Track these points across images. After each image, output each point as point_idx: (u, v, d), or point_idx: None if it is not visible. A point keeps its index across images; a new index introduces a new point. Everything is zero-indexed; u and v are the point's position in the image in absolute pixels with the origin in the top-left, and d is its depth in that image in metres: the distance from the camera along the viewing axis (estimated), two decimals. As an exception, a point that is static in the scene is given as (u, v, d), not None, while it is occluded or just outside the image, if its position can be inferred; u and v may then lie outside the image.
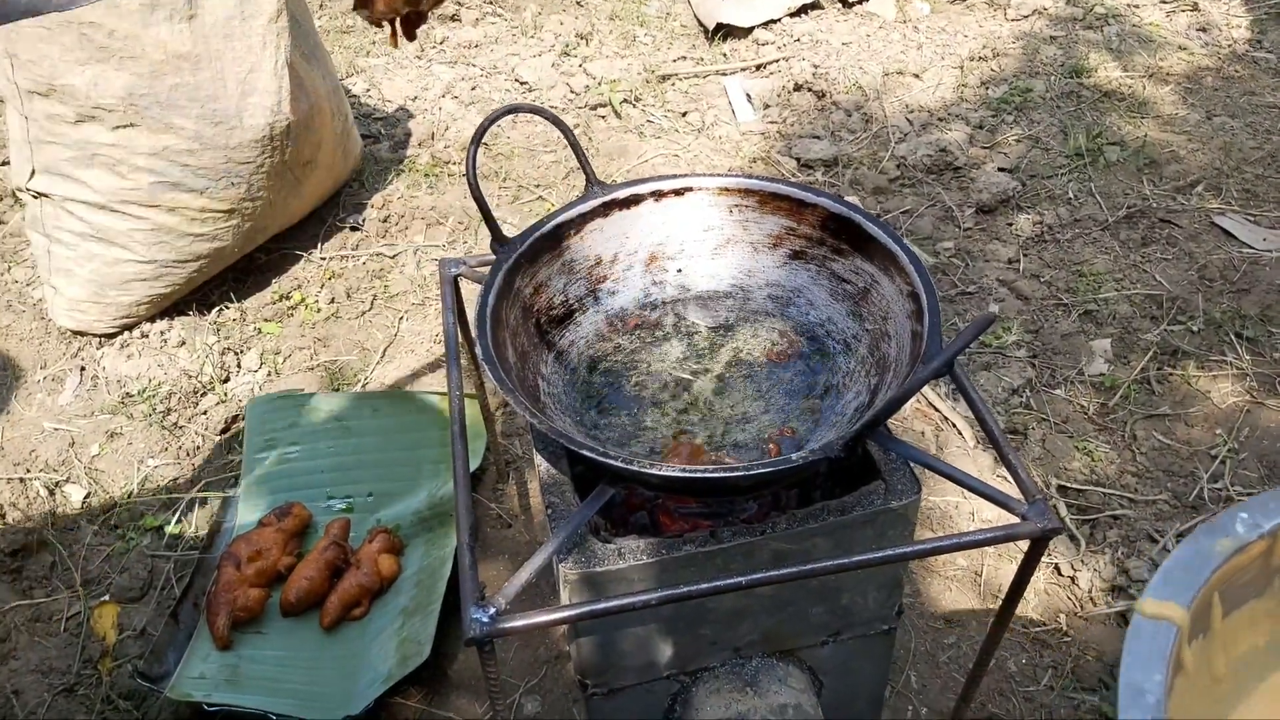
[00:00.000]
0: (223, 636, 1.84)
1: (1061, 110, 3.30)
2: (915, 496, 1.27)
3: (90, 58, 2.19)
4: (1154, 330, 2.48)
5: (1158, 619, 0.89)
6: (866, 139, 3.22)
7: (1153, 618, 0.89)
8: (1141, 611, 0.90)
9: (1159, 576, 0.93)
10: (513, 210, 2.99)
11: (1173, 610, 0.90)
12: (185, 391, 2.41)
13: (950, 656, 1.86)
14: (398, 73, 3.67)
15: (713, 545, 1.23)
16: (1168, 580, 0.93)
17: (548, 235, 1.44)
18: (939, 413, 2.32)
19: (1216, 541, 0.95)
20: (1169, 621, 0.89)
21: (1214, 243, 2.73)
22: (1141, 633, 0.88)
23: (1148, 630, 0.89)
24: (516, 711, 1.81)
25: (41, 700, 1.84)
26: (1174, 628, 0.89)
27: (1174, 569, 0.93)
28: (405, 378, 2.48)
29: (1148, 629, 0.89)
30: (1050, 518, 1.14)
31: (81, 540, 2.11)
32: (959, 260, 2.73)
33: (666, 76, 3.60)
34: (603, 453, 1.13)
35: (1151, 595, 0.91)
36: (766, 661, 1.45)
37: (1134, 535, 2.03)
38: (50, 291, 2.51)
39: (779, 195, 1.47)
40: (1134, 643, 0.88)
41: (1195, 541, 0.96)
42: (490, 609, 1.06)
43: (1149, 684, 0.84)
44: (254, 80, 2.36)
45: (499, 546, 2.08)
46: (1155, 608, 0.90)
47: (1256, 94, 3.33)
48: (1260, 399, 2.29)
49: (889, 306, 1.35)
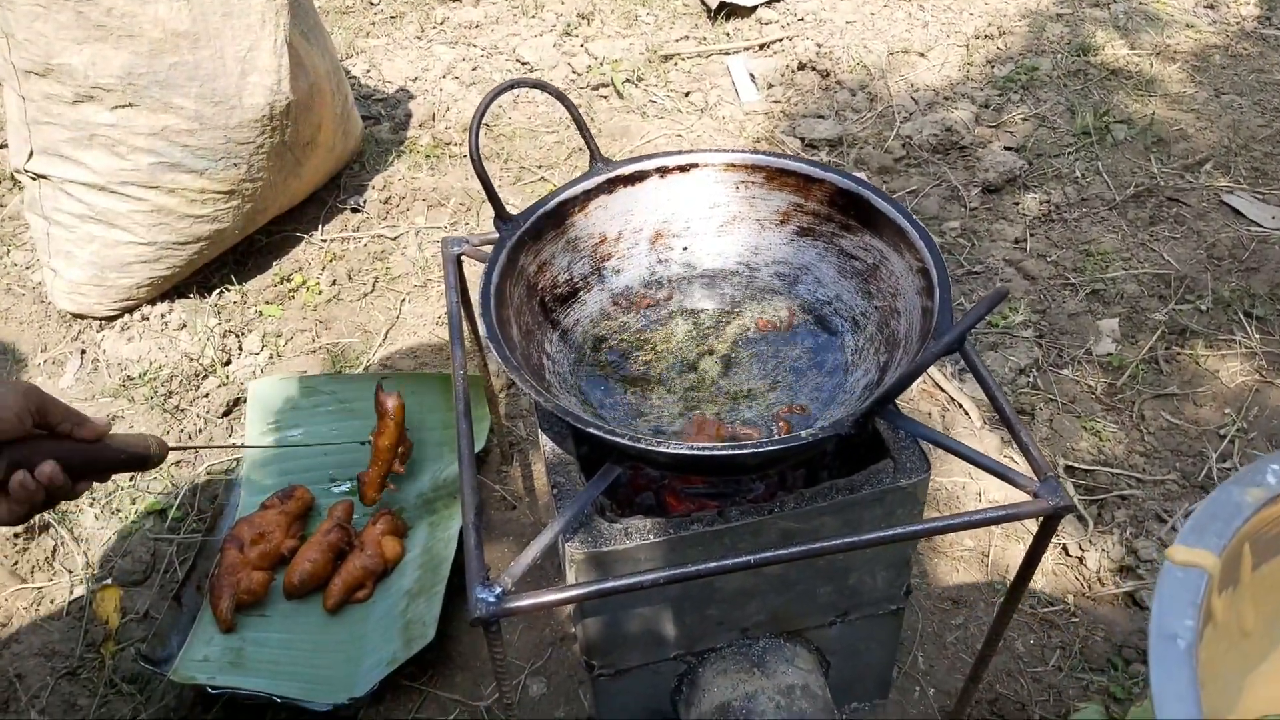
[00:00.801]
0: (226, 619, 1.83)
1: (1068, 89, 3.27)
2: (924, 475, 1.25)
3: (88, 36, 2.16)
4: (1162, 309, 2.46)
5: (1189, 565, 0.87)
6: (871, 118, 3.19)
7: (1184, 564, 0.87)
8: (1172, 558, 0.87)
9: (1189, 524, 0.90)
10: (515, 191, 2.97)
11: (1204, 557, 0.87)
12: (186, 374, 2.39)
13: (958, 637, 1.85)
14: (398, 53, 3.64)
15: (720, 524, 1.21)
16: (1198, 528, 0.90)
17: (552, 212, 1.42)
18: (945, 393, 2.30)
19: (1247, 491, 0.93)
20: (1200, 568, 0.86)
21: (1222, 221, 2.70)
22: (1172, 577, 0.86)
23: (1179, 576, 0.86)
24: (522, 693, 1.80)
25: (44, 684, 1.83)
26: (1205, 574, 0.86)
27: (1204, 518, 0.91)
28: (408, 359, 2.47)
29: (1179, 575, 0.86)
30: (1061, 495, 1.12)
31: (83, 524, 2.10)
32: (965, 240, 2.71)
33: (669, 56, 3.57)
34: (609, 430, 1.11)
35: (1182, 542, 0.88)
36: (774, 642, 1.44)
37: (1142, 515, 2.01)
38: (50, 274, 2.49)
39: (786, 171, 1.45)
40: (1165, 589, 0.85)
41: (1225, 491, 0.93)
42: (496, 589, 1.05)
43: (1180, 629, 0.82)
44: (253, 59, 2.33)
45: (503, 528, 2.07)
46: (1186, 554, 0.87)
47: (1265, 71, 3.30)
48: (1269, 378, 2.27)
49: (898, 283, 1.33)
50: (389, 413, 1.95)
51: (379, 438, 1.96)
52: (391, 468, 1.99)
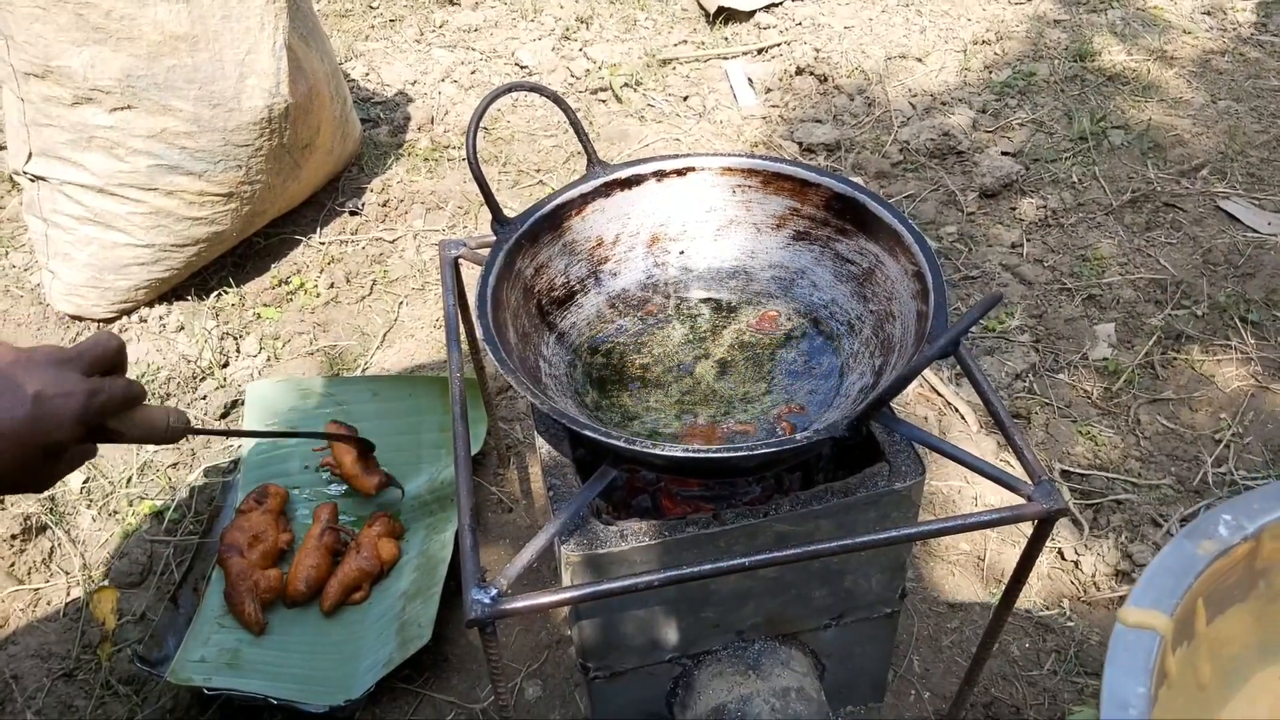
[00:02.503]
0: (258, 621, 1.83)
1: (1066, 94, 3.27)
2: (919, 478, 1.26)
3: (87, 38, 2.17)
4: (1158, 314, 2.46)
5: (1141, 628, 0.87)
6: (869, 123, 3.19)
7: (1135, 626, 0.87)
8: (1124, 621, 0.87)
9: (1141, 583, 0.90)
10: (513, 194, 2.97)
11: (1156, 619, 0.87)
12: (184, 376, 2.40)
13: (953, 641, 1.85)
14: (397, 57, 3.65)
15: (715, 527, 1.22)
16: (1150, 587, 0.90)
17: (549, 216, 1.42)
18: (941, 397, 2.31)
19: (1199, 544, 0.93)
20: (1152, 630, 0.87)
21: (1218, 226, 2.71)
22: (1124, 643, 0.86)
23: (1130, 640, 0.86)
24: (518, 695, 1.80)
25: (41, 685, 1.83)
26: (1157, 636, 0.86)
27: (1156, 575, 0.91)
28: (405, 363, 2.47)
29: (1130, 639, 0.86)
30: (1056, 498, 1.13)
31: (80, 525, 2.10)
32: (962, 245, 2.71)
33: (667, 60, 3.58)
34: (605, 433, 1.11)
35: (1134, 604, 0.89)
36: (769, 645, 1.44)
37: (1138, 520, 2.02)
38: (48, 276, 2.50)
39: (782, 175, 1.46)
40: (1116, 653, 0.85)
41: (1178, 545, 0.93)
42: (492, 590, 1.05)
43: (1132, 697, 0.82)
44: (252, 62, 2.34)
45: (500, 531, 2.07)
46: (1138, 616, 0.88)
47: (1262, 78, 3.31)
48: (1265, 383, 2.28)
49: (893, 287, 1.34)
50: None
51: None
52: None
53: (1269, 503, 0.98)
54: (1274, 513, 0.97)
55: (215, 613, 1.87)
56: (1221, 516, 0.96)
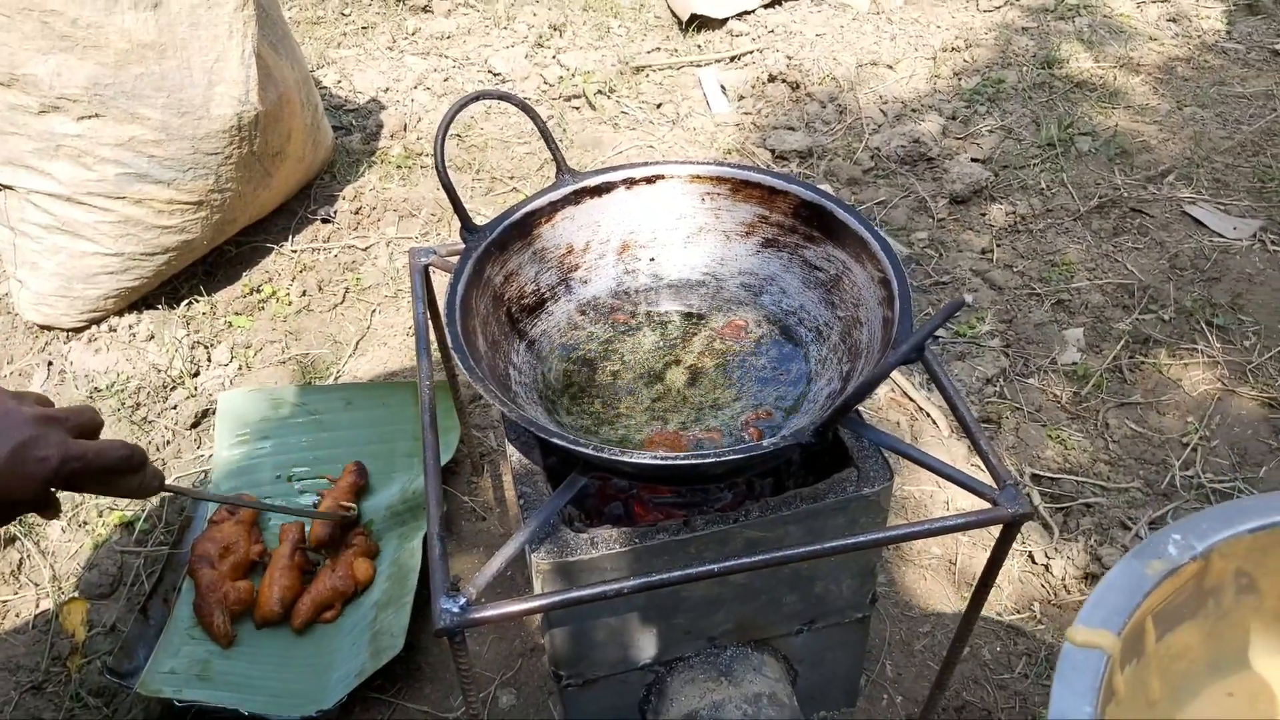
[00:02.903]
0: (226, 633, 1.82)
1: (1034, 101, 3.31)
2: (887, 483, 1.27)
3: (53, 47, 2.15)
4: (1126, 319, 2.49)
5: (1088, 646, 0.88)
6: (841, 130, 3.21)
7: (1084, 645, 0.88)
8: (1072, 640, 0.89)
9: (1090, 603, 0.92)
10: (486, 202, 2.97)
11: (1104, 638, 0.89)
12: (154, 386, 2.38)
13: (925, 645, 1.86)
14: (369, 64, 3.64)
15: (686, 533, 1.22)
16: (1099, 606, 0.92)
17: (518, 223, 1.42)
18: (914, 403, 2.32)
19: (1148, 564, 0.95)
20: (1100, 649, 0.88)
21: (1185, 231, 2.74)
22: (1072, 662, 0.88)
23: (1078, 659, 0.88)
24: (492, 705, 1.80)
25: (9, 698, 1.81)
26: (1105, 655, 0.88)
27: (1105, 594, 0.93)
28: (378, 370, 2.46)
29: (1078, 658, 0.88)
30: (1022, 502, 1.14)
31: (50, 537, 2.08)
32: (933, 250, 2.73)
33: (641, 68, 3.59)
34: (573, 440, 1.12)
35: (1082, 623, 0.90)
36: (741, 651, 1.45)
37: (1107, 523, 2.04)
38: (16, 285, 2.47)
39: (750, 183, 1.47)
40: (1064, 672, 0.87)
41: (1127, 565, 0.95)
42: (461, 599, 1.05)
43: (1079, 715, 0.84)
44: (221, 70, 2.33)
45: (473, 540, 2.06)
46: (1086, 636, 0.89)
47: (1226, 84, 3.35)
48: (1231, 386, 2.31)
49: (860, 293, 1.35)
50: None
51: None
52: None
53: (1217, 523, 1.00)
54: (1222, 533, 0.99)
55: (186, 624, 1.85)
56: (1171, 536, 0.98)
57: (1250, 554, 1.01)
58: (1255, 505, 1.02)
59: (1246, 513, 1.01)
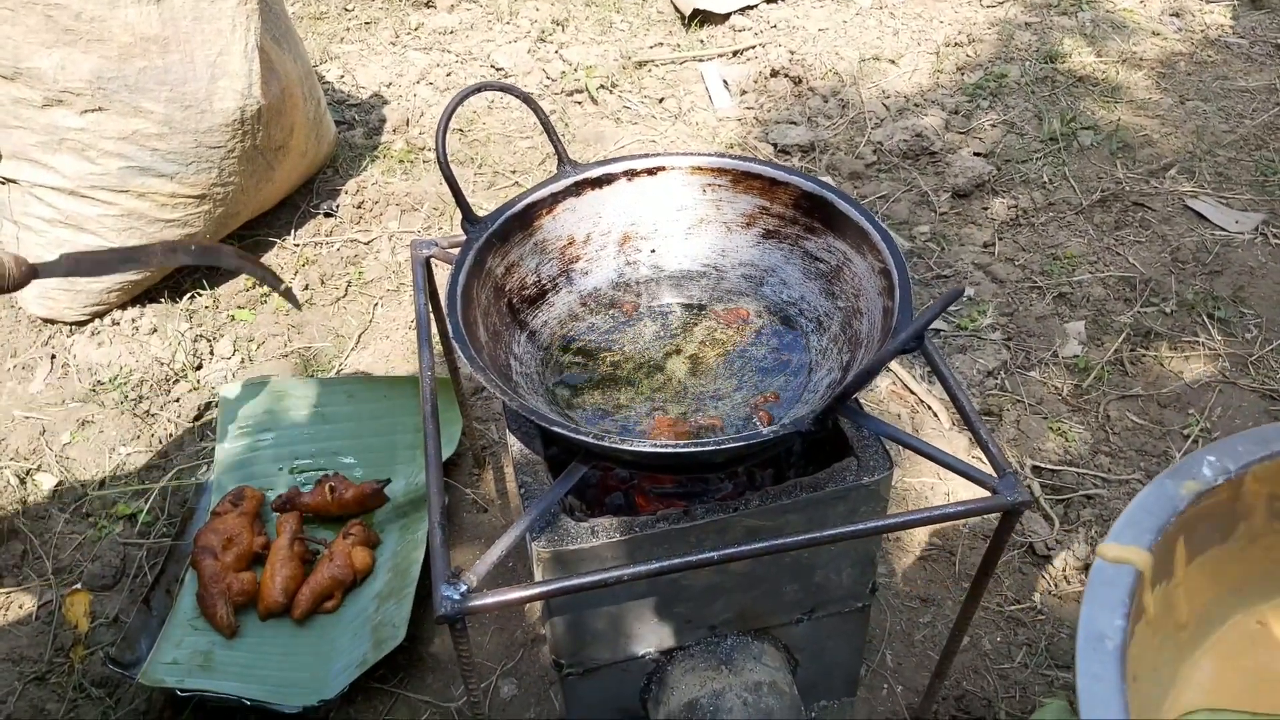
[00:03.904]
0: (229, 624, 1.82)
1: (1036, 95, 3.31)
2: (887, 472, 1.27)
3: (57, 40, 2.16)
4: (1127, 312, 2.49)
5: (1119, 562, 0.86)
6: (843, 124, 3.22)
7: (1115, 561, 0.86)
8: (1103, 556, 0.86)
9: (1122, 519, 0.89)
10: (489, 196, 2.97)
11: (1135, 554, 0.86)
12: (157, 379, 2.39)
13: (925, 635, 1.86)
14: (372, 59, 3.64)
15: (686, 522, 1.22)
16: (1131, 523, 0.89)
17: (519, 215, 1.43)
18: (915, 395, 2.33)
19: (1182, 484, 0.92)
20: (1131, 565, 0.86)
21: (1187, 225, 2.74)
22: (1102, 577, 0.85)
23: (1109, 574, 0.85)
24: (493, 694, 1.80)
25: (12, 689, 1.82)
26: (1135, 571, 0.85)
27: (1137, 512, 0.90)
28: (380, 364, 2.47)
29: (1109, 573, 0.85)
30: (1020, 491, 1.14)
31: (53, 529, 2.09)
32: (935, 244, 2.73)
33: (643, 62, 3.59)
34: (574, 429, 1.12)
35: (1114, 539, 0.88)
36: (741, 640, 1.45)
37: (1107, 514, 2.04)
38: (19, 279, 2.48)
39: (751, 174, 1.47)
40: (1094, 587, 0.84)
41: (1160, 485, 0.93)
42: (461, 587, 1.06)
43: (1109, 629, 0.81)
44: (224, 63, 2.33)
45: (475, 531, 2.07)
46: (1117, 551, 0.86)
47: (1229, 79, 3.35)
48: (1232, 379, 2.31)
49: (861, 284, 1.35)
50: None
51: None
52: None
53: (1254, 445, 0.97)
54: (1259, 454, 0.96)
55: (188, 615, 1.86)
56: (1206, 458, 0.95)
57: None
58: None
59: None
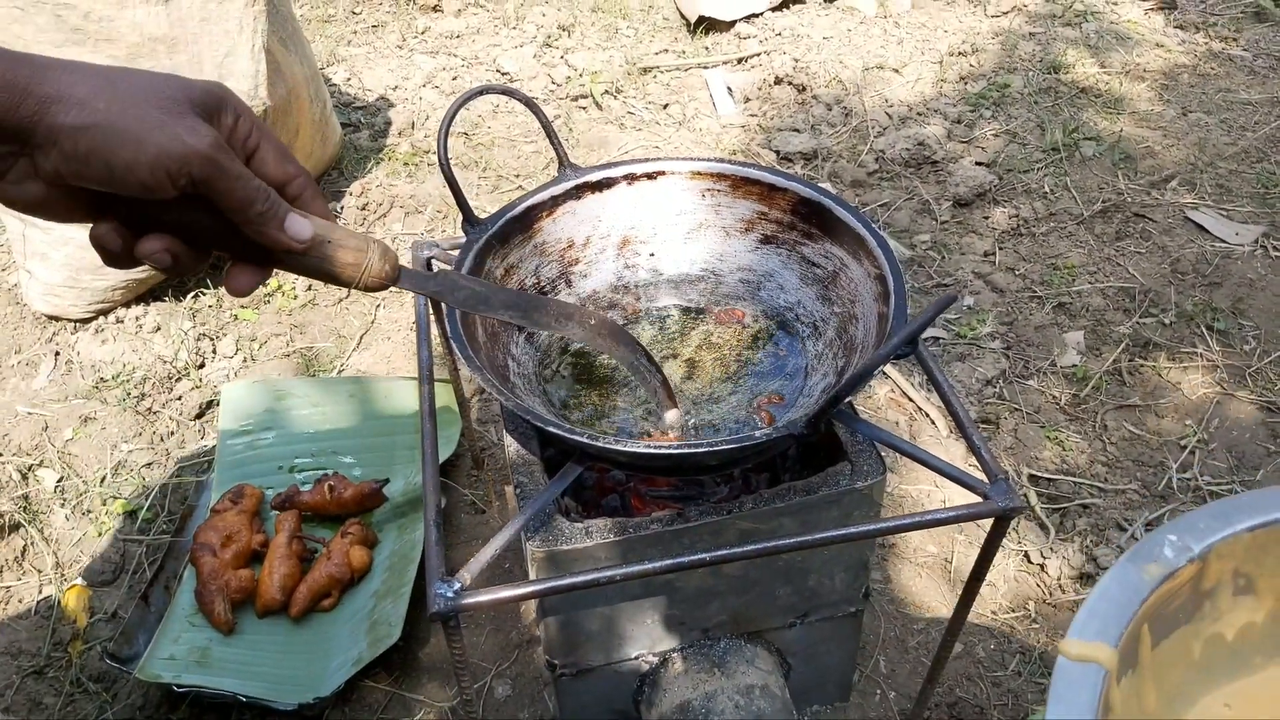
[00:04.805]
0: (227, 620, 1.83)
1: (1039, 106, 3.32)
2: (880, 477, 1.28)
3: (66, 40, 2.18)
4: (1126, 322, 2.50)
5: (1084, 660, 0.83)
6: (846, 133, 3.23)
7: (1079, 659, 0.83)
8: (1066, 654, 0.83)
9: (1084, 613, 0.86)
10: (492, 200, 2.99)
11: (1100, 651, 0.83)
12: (160, 377, 2.40)
13: (919, 642, 1.87)
14: (379, 62, 3.66)
15: (680, 524, 1.23)
16: (1094, 616, 0.86)
17: (519, 217, 1.44)
18: (913, 403, 2.33)
19: (1144, 569, 0.90)
20: (1096, 664, 0.82)
21: (1187, 236, 2.75)
22: (1067, 677, 0.82)
23: (1074, 674, 0.82)
24: (488, 695, 1.81)
25: (10, 683, 1.83)
26: (1102, 670, 0.82)
27: (1100, 603, 0.87)
28: (381, 365, 2.48)
29: (1074, 673, 0.82)
30: (1012, 497, 1.15)
31: (53, 524, 2.10)
32: (935, 253, 2.74)
33: (648, 69, 3.61)
34: (569, 430, 1.13)
35: (1076, 635, 0.84)
36: (734, 643, 1.46)
37: (1103, 524, 2.04)
38: (25, 276, 2.50)
39: (750, 180, 1.48)
40: (1059, 689, 0.81)
41: (1123, 570, 0.90)
42: (455, 584, 1.07)
43: None
44: (230, 64, 2.35)
45: (472, 532, 2.08)
46: (1081, 649, 0.83)
47: (1231, 91, 3.36)
48: (1230, 390, 2.32)
49: (857, 289, 1.36)
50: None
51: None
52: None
53: (1215, 522, 0.94)
54: (1220, 532, 0.94)
55: (186, 611, 1.87)
56: (1167, 538, 0.92)
57: (1249, 554, 0.96)
58: (1252, 502, 0.96)
59: (1244, 510, 0.96)
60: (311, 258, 0.88)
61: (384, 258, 0.91)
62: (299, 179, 0.89)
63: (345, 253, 0.89)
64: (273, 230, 0.84)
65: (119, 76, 0.77)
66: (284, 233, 0.85)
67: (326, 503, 2.00)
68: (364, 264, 0.90)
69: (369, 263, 0.91)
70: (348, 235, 0.90)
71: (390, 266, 0.92)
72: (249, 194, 0.82)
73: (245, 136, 0.85)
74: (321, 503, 2.01)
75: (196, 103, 0.80)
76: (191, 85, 0.81)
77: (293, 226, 0.86)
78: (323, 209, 0.91)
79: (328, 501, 2.00)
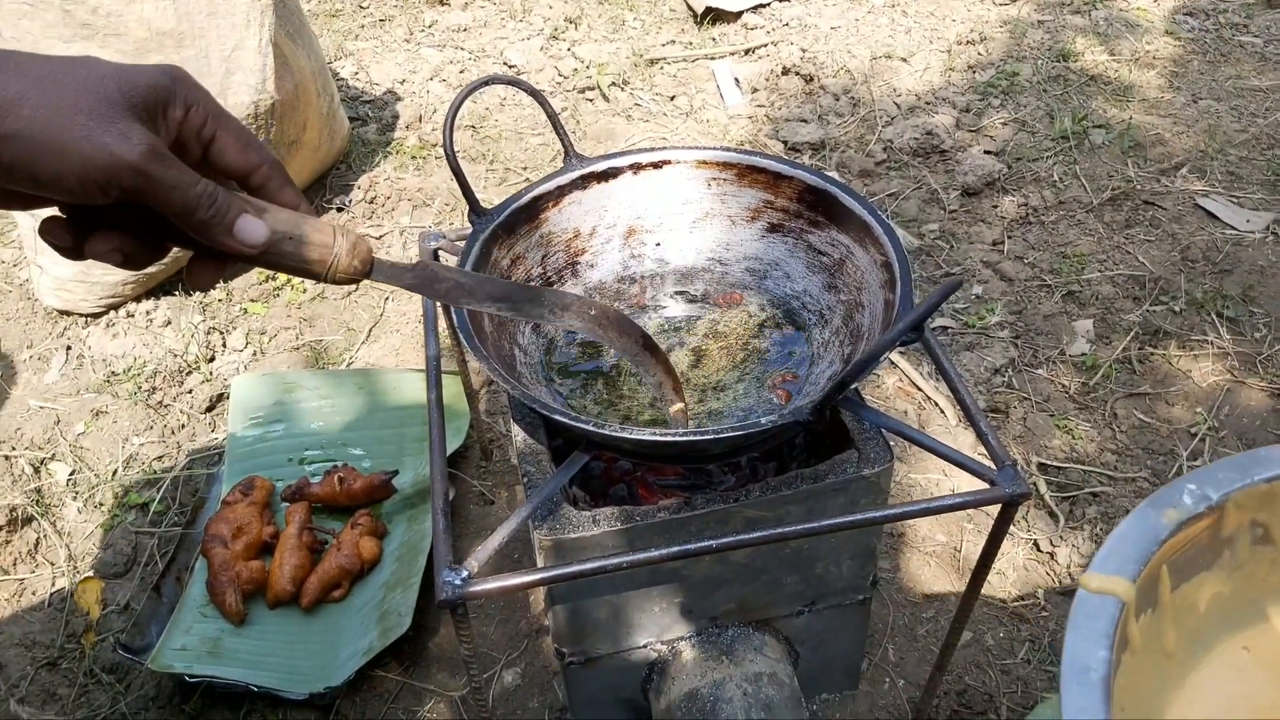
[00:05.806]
0: (238, 611, 1.84)
1: (1048, 94, 3.30)
2: (887, 465, 1.28)
3: (74, 34, 2.18)
4: (1136, 310, 2.49)
5: (1103, 593, 0.86)
6: (854, 122, 3.22)
7: (1098, 591, 0.86)
8: (1085, 586, 0.86)
9: (1103, 550, 0.89)
10: (500, 192, 2.99)
11: (1118, 584, 0.86)
12: (170, 370, 2.41)
13: (928, 630, 1.87)
14: (386, 56, 3.67)
15: (687, 512, 1.24)
16: (1112, 554, 0.89)
17: (525, 207, 1.44)
18: (922, 392, 2.33)
19: (1163, 513, 0.92)
20: (1114, 596, 0.85)
21: (1197, 224, 2.74)
22: (1085, 608, 0.85)
23: (1092, 605, 0.85)
24: (497, 684, 1.82)
25: (24, 674, 1.84)
26: (1119, 602, 0.85)
27: (1119, 543, 0.90)
28: (390, 357, 2.49)
29: (1092, 604, 0.85)
30: (1019, 483, 1.15)
31: (66, 517, 2.12)
32: (944, 242, 2.74)
33: (655, 60, 3.60)
34: (575, 418, 1.13)
35: (1096, 569, 0.87)
36: (742, 631, 1.47)
37: (1113, 512, 2.04)
38: (36, 271, 2.51)
39: (756, 168, 1.48)
40: (1078, 619, 0.84)
41: (1141, 514, 0.93)
42: (463, 572, 1.07)
43: (1093, 661, 0.81)
44: (238, 59, 2.35)
45: (481, 523, 2.09)
46: (1100, 582, 0.86)
47: (1241, 78, 3.34)
48: (1240, 378, 2.31)
49: (863, 277, 1.36)
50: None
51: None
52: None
53: (1234, 472, 0.97)
54: (1239, 482, 0.97)
55: (198, 602, 1.88)
56: (1186, 486, 0.95)
57: (1265, 504, 0.99)
58: (1270, 455, 0.99)
59: (1262, 463, 0.99)
60: (271, 255, 0.85)
61: (353, 251, 0.88)
62: (263, 168, 0.84)
63: (309, 249, 0.86)
64: (220, 236, 0.80)
65: (50, 73, 0.71)
66: (233, 238, 0.80)
67: (336, 494, 2.01)
68: (330, 260, 0.87)
69: (336, 258, 0.88)
70: (314, 229, 0.87)
71: (360, 260, 0.89)
72: (188, 202, 0.76)
73: (199, 127, 0.80)
74: (331, 494, 2.01)
75: (136, 101, 0.74)
76: (134, 79, 0.75)
77: (243, 231, 0.81)
78: (293, 198, 0.87)
79: (337, 493, 2.01)
